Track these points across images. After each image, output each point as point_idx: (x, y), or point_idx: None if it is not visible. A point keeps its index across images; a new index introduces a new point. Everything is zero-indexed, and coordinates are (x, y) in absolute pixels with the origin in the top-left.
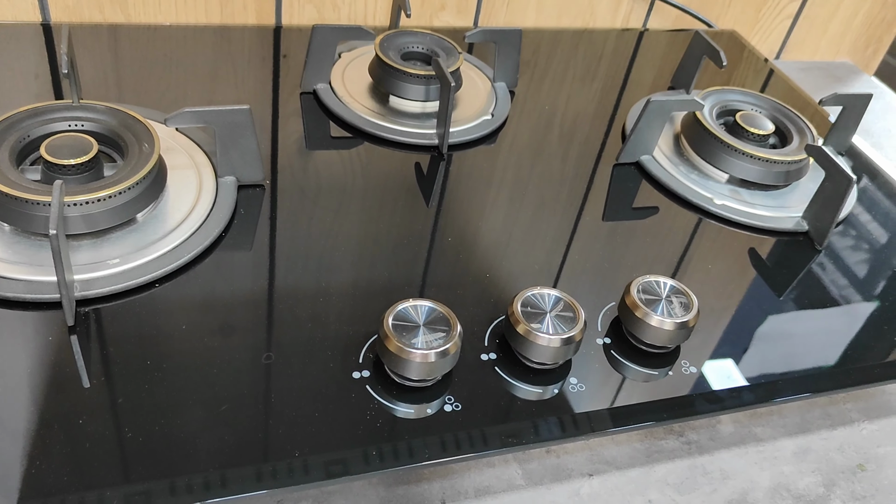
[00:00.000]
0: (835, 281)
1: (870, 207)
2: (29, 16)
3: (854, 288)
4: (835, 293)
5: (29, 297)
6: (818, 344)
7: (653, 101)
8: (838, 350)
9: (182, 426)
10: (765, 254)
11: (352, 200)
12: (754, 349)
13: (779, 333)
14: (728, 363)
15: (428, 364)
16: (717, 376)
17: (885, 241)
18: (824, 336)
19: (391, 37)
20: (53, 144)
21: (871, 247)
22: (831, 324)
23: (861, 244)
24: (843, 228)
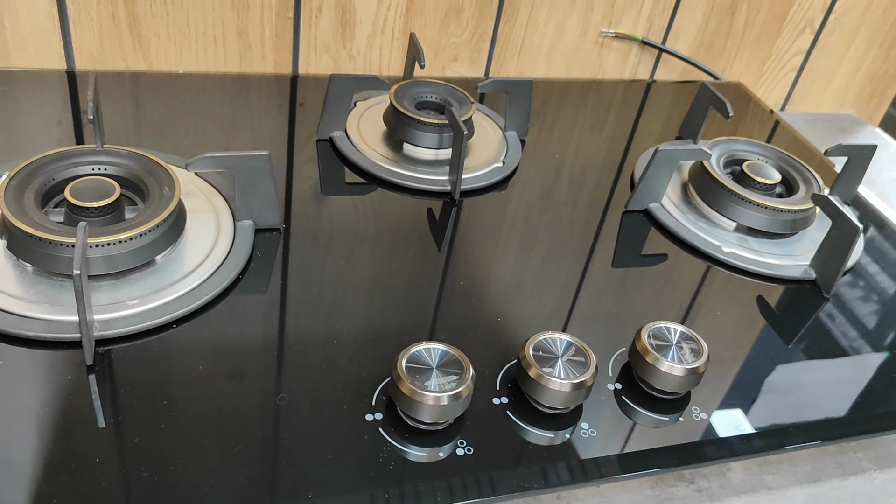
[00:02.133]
0: (843, 329)
1: (877, 257)
2: (54, 63)
3: (862, 337)
4: (843, 342)
5: (49, 336)
6: (827, 392)
7: (661, 150)
8: (848, 398)
9: (197, 466)
10: (773, 301)
11: (365, 245)
12: (764, 396)
13: (788, 381)
14: (738, 410)
15: (440, 407)
16: (727, 423)
17: (893, 290)
18: (834, 384)
19: (405, 86)
20: (77, 187)
21: (879, 296)
22: (840, 372)
23: (869, 293)
24: (850, 277)
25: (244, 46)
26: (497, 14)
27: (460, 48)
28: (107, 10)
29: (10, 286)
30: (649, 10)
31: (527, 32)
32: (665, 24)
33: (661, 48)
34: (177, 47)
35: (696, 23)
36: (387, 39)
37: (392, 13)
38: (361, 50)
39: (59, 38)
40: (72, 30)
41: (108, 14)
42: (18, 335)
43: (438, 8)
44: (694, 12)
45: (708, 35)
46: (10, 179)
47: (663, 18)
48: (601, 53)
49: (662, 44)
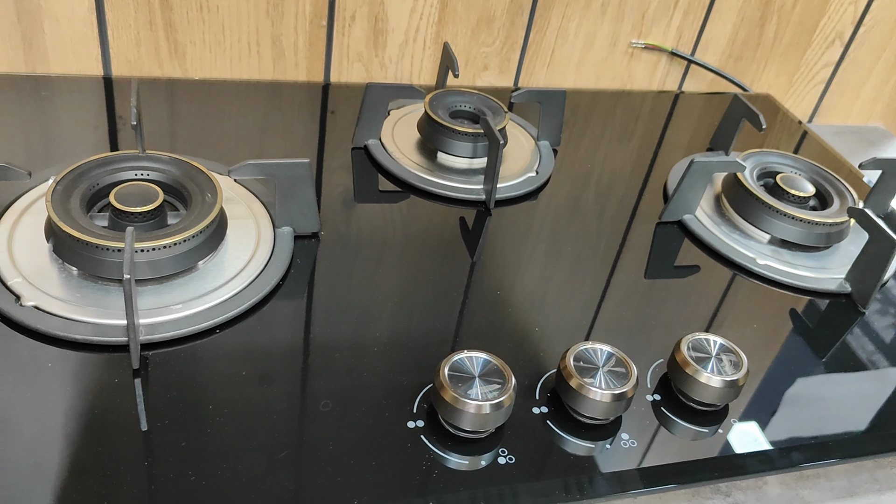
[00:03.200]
0: (879, 342)
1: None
2: (92, 69)
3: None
4: (880, 356)
5: (96, 339)
6: (865, 406)
7: (697, 161)
8: (885, 413)
9: (243, 471)
10: (808, 315)
11: (399, 252)
12: (801, 410)
13: (825, 394)
14: (775, 423)
15: (483, 415)
16: (765, 436)
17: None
18: (871, 398)
19: (440, 95)
20: (122, 193)
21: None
22: (877, 386)
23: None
24: (885, 291)
25: (278, 54)
26: (528, 24)
27: (491, 57)
28: (144, 18)
29: (56, 289)
30: (679, 21)
31: (557, 42)
32: (695, 35)
33: (690, 59)
34: (212, 54)
35: (725, 34)
36: (418, 48)
37: (424, 22)
38: (393, 58)
39: (97, 44)
40: (110, 36)
41: (145, 21)
42: (66, 338)
43: (470, 17)
44: (724, 24)
45: (737, 47)
46: (56, 184)
47: (693, 30)
48: (630, 64)
49: (691, 55)
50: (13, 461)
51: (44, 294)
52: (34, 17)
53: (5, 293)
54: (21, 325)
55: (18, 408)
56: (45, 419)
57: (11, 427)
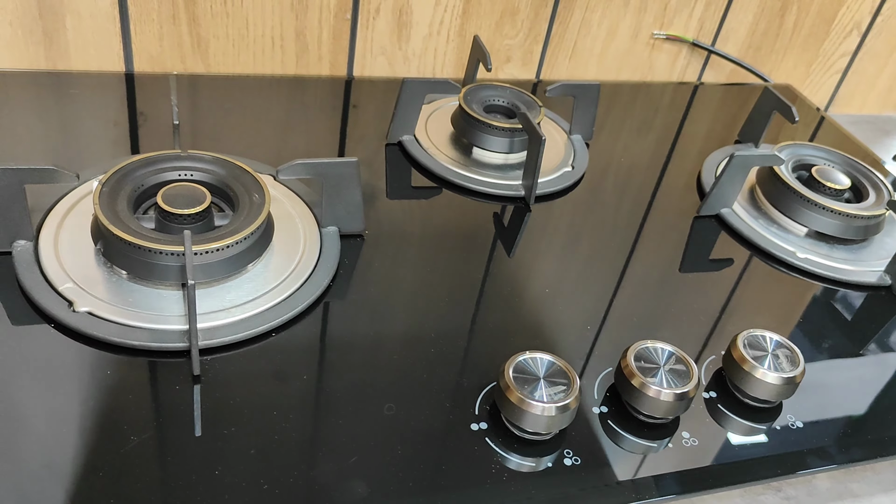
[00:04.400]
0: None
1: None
2: (113, 65)
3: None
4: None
5: (154, 346)
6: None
7: (737, 156)
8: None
9: (315, 477)
10: (849, 308)
11: (441, 249)
12: (850, 403)
13: (873, 388)
14: (828, 418)
15: (549, 417)
16: (821, 432)
17: None
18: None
19: (474, 90)
20: (169, 194)
21: None
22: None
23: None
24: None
25: (301, 48)
26: (551, 16)
27: (514, 50)
28: (168, 12)
29: (107, 294)
30: (701, 11)
31: (580, 34)
32: (716, 26)
33: (711, 50)
34: (235, 49)
35: (746, 24)
36: (442, 41)
37: (448, 14)
38: (417, 52)
39: (119, 39)
40: (132, 31)
41: (168, 15)
42: (123, 344)
43: (494, 10)
44: (745, 14)
45: (757, 37)
46: (102, 186)
47: (714, 20)
48: (651, 55)
49: (712, 45)
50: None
51: (95, 299)
52: (56, 12)
53: (57, 299)
54: (76, 331)
55: (79, 416)
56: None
57: (74, 434)
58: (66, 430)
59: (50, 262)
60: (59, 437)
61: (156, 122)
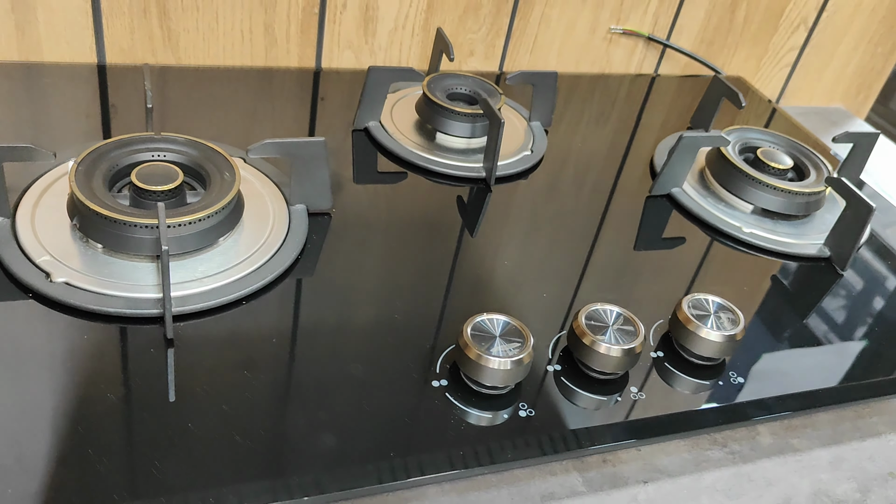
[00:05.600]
0: (856, 301)
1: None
2: (85, 57)
3: (873, 307)
4: (857, 312)
5: (129, 312)
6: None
7: (685, 137)
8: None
9: (286, 431)
10: (792, 277)
11: (407, 229)
12: (788, 362)
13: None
14: (767, 375)
15: (505, 371)
16: (759, 387)
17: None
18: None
19: (437, 79)
20: (143, 172)
21: (887, 270)
22: (855, 339)
23: (878, 268)
24: (863, 255)
25: (270, 41)
26: (513, 11)
27: (476, 43)
28: (139, 6)
29: (83, 266)
30: (655, 7)
31: (540, 28)
32: (670, 21)
33: (665, 44)
34: (205, 42)
35: (698, 20)
36: (407, 35)
37: (413, 9)
38: (383, 45)
39: (91, 32)
40: (104, 24)
41: (140, 9)
42: (99, 311)
43: (458, 5)
44: (697, 10)
45: (709, 32)
46: (77, 165)
47: (668, 16)
48: (609, 49)
49: (667, 40)
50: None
51: (72, 270)
52: (28, 5)
53: (35, 271)
54: (54, 300)
55: (58, 379)
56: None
57: (53, 398)
58: (46, 390)
59: (27, 237)
60: (39, 398)
61: (126, 112)
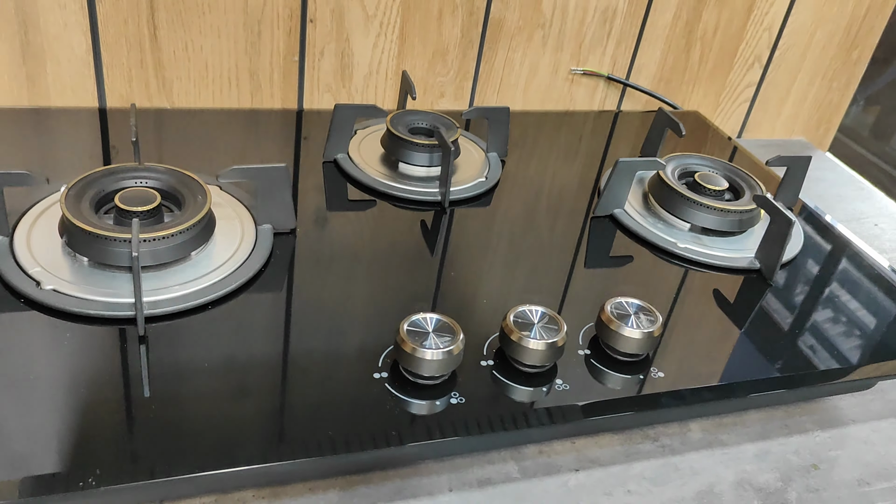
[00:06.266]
0: (785, 307)
1: (814, 249)
2: (88, 102)
3: (801, 314)
4: (786, 318)
5: (107, 314)
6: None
7: (621, 161)
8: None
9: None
10: (723, 288)
11: (368, 248)
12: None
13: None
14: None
15: (437, 361)
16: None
17: (829, 276)
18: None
19: (400, 115)
20: (125, 196)
21: (817, 282)
22: (782, 343)
23: (809, 280)
24: (794, 267)
25: (255, 86)
26: (478, 56)
27: (446, 86)
28: (136, 58)
29: (70, 276)
30: (613, 49)
31: (504, 71)
32: (627, 61)
33: (624, 83)
34: (196, 88)
35: (655, 60)
36: (381, 79)
37: (385, 55)
38: (359, 88)
39: (93, 81)
40: (105, 75)
41: (137, 60)
42: (81, 314)
43: (426, 51)
44: (653, 51)
45: (667, 71)
46: (68, 190)
47: (626, 57)
48: (572, 88)
49: (626, 79)
50: (36, 418)
51: (60, 280)
52: (38, 59)
53: (27, 280)
54: (42, 304)
55: (41, 372)
56: (65, 380)
57: (35, 388)
58: (33, 383)
59: (22, 252)
60: (27, 388)
61: (126, 151)
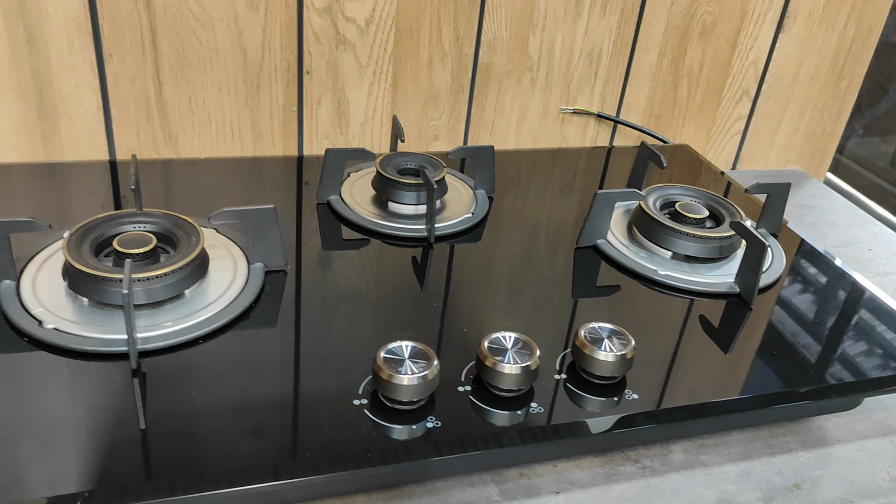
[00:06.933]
0: (766, 330)
1: (798, 273)
2: (99, 156)
3: (781, 335)
4: (766, 340)
5: (102, 349)
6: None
7: (600, 193)
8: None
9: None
10: (704, 312)
11: (356, 283)
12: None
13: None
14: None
15: (412, 387)
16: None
17: (811, 297)
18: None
19: (389, 157)
20: (122, 239)
21: (799, 303)
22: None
23: (791, 301)
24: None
25: (257, 136)
26: (469, 99)
27: (440, 129)
28: (143, 113)
29: (70, 315)
30: (601, 88)
31: (496, 113)
32: (616, 99)
33: (615, 120)
34: (200, 140)
35: (644, 96)
36: (377, 125)
37: (380, 103)
38: (356, 135)
39: (104, 137)
40: (114, 130)
41: (144, 116)
42: (78, 349)
43: (419, 97)
44: (641, 88)
45: (656, 107)
46: (71, 235)
47: (615, 95)
48: (563, 127)
49: (616, 116)
50: (35, 448)
51: (61, 319)
52: (52, 117)
53: (30, 319)
54: (43, 342)
55: (40, 404)
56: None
57: (34, 420)
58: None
59: (27, 294)
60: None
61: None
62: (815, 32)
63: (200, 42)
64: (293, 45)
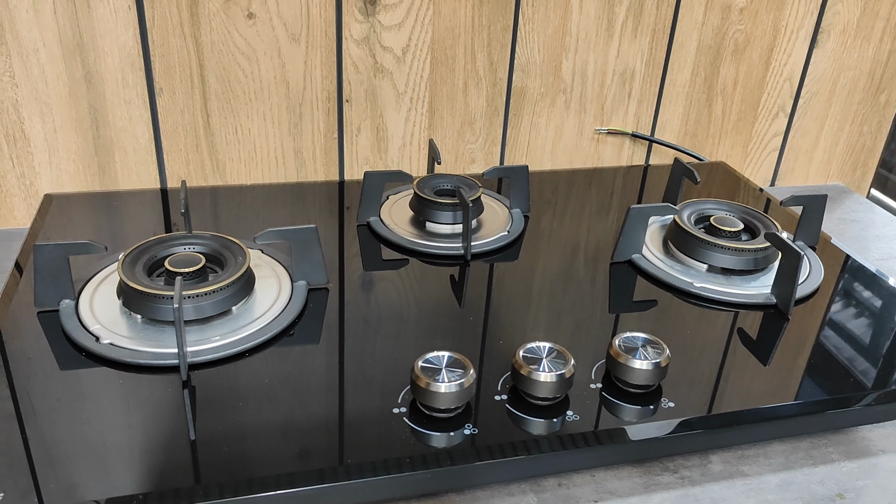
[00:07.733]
0: (804, 341)
1: (838, 284)
2: (152, 184)
3: (824, 348)
4: (804, 351)
5: (155, 363)
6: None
7: (633, 208)
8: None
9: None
10: (741, 323)
11: (395, 300)
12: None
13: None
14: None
15: (450, 395)
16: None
17: (849, 307)
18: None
19: (425, 179)
20: (173, 259)
21: (837, 314)
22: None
23: (829, 311)
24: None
25: (300, 163)
26: (504, 122)
27: (476, 152)
28: (192, 143)
29: (126, 331)
30: (635, 108)
31: (531, 135)
32: (651, 118)
33: (650, 139)
34: (246, 168)
35: (678, 115)
36: (415, 150)
37: (417, 128)
38: (395, 159)
39: (155, 166)
40: (165, 160)
41: (193, 146)
42: (132, 363)
43: (455, 121)
44: (675, 107)
45: (691, 125)
46: (125, 257)
47: (648, 114)
48: (598, 147)
49: (651, 135)
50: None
51: (116, 335)
52: (108, 150)
53: (88, 336)
54: (100, 356)
55: (98, 414)
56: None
57: (93, 429)
58: (91, 423)
59: (85, 312)
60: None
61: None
62: (850, 47)
63: (245, 75)
64: (333, 75)
